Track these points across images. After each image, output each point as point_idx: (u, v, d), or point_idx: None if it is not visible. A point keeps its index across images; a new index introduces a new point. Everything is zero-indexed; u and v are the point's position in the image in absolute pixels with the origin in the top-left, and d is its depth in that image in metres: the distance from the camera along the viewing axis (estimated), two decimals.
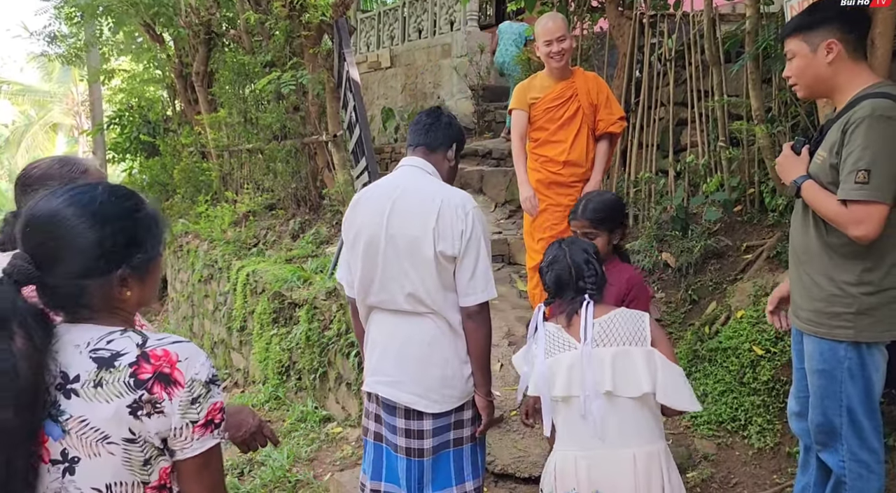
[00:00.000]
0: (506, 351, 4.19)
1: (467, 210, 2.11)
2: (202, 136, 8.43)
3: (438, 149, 2.28)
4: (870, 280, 1.95)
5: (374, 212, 2.19)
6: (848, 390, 2.04)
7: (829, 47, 1.95)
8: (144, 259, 1.22)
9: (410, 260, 2.12)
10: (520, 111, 3.69)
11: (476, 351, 2.19)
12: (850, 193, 1.87)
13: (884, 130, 1.84)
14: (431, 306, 2.14)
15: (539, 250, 3.82)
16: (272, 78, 6.04)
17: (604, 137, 3.70)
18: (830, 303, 2.00)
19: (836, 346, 2.02)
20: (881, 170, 1.84)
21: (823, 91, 2.05)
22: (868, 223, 1.86)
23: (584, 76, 3.67)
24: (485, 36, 9.78)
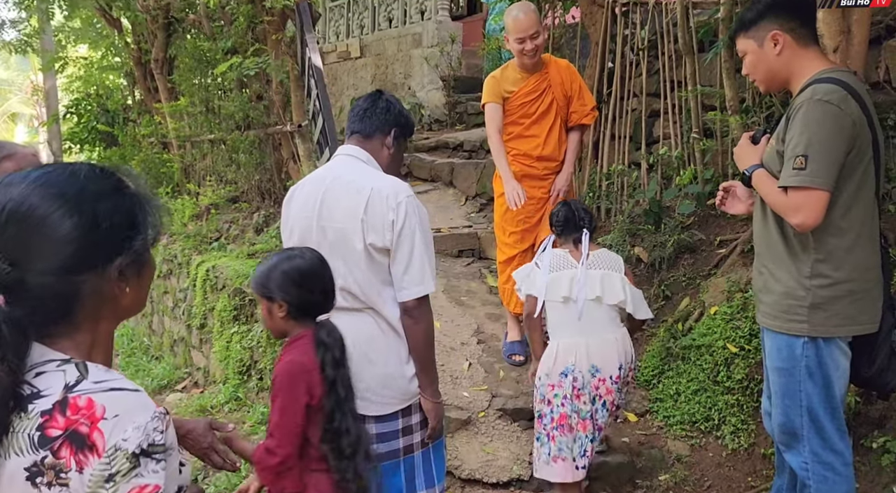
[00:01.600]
0: (475, 350, 4.05)
1: (399, 199, 1.99)
2: (162, 126, 8.11)
3: (374, 135, 2.16)
4: (822, 272, 1.89)
5: (306, 205, 2.09)
6: (807, 388, 1.97)
7: (775, 39, 1.92)
8: (142, 245, 1.01)
9: (341, 253, 2.02)
10: (494, 105, 3.55)
11: (416, 349, 2.09)
12: (787, 180, 1.82)
13: (821, 114, 1.79)
14: (366, 301, 2.04)
15: (510, 243, 3.70)
16: (233, 63, 5.78)
17: (575, 128, 3.60)
18: (785, 296, 1.95)
19: (794, 342, 1.96)
20: (818, 155, 1.78)
21: (780, 83, 2.01)
22: (806, 210, 1.80)
23: (556, 66, 3.54)
24: (456, 26, 9.60)
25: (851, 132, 1.81)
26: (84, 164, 1.02)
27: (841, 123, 1.80)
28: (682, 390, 3.38)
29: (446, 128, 8.86)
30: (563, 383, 2.64)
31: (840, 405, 1.99)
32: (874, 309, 1.94)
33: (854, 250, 1.89)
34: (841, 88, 1.82)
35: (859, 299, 1.91)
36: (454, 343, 4.13)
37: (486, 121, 3.58)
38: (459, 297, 4.83)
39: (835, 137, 1.80)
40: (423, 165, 7.57)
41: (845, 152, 1.81)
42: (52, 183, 0.95)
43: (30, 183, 0.95)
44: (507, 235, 3.71)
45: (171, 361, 6.56)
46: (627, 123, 4.80)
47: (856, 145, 1.82)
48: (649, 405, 3.50)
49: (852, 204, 1.87)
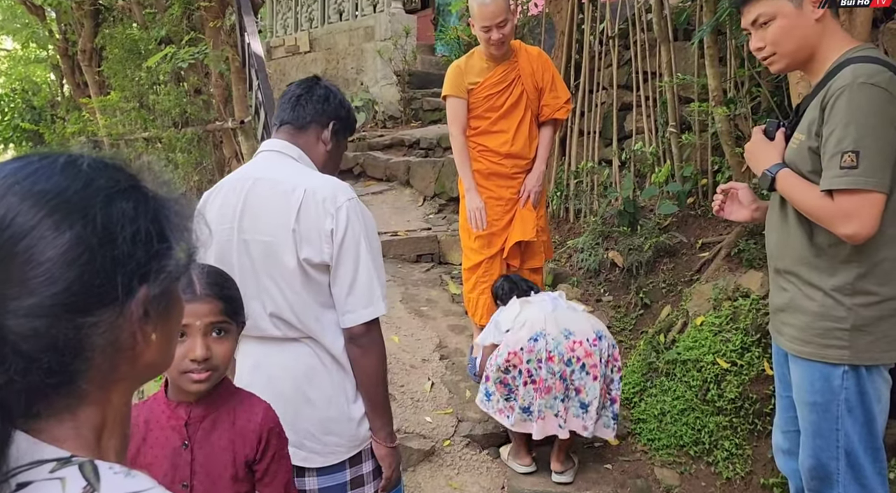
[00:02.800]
0: (437, 367, 3.66)
1: (339, 203, 1.62)
2: (92, 122, 7.47)
3: (309, 127, 1.79)
4: (866, 288, 1.60)
5: (223, 214, 1.70)
6: (846, 426, 1.67)
7: (816, 1, 1.59)
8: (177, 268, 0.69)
9: (268, 272, 1.66)
10: (457, 99, 3.16)
11: (366, 385, 1.72)
12: (834, 182, 1.52)
13: (869, 100, 1.49)
14: (303, 329, 1.67)
15: (476, 248, 3.34)
16: (167, 54, 5.26)
17: (548, 123, 3.25)
18: (820, 317, 1.65)
19: (831, 372, 1.65)
20: (871, 150, 1.49)
21: (804, 59, 1.66)
22: (860, 218, 1.51)
23: (527, 54, 3.19)
24: (410, 19, 9.20)
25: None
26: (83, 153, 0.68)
27: (892, 109, 1.49)
28: (667, 410, 3.06)
29: (401, 125, 8.49)
30: (535, 347, 2.63)
31: (882, 445, 1.71)
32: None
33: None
34: (886, 69, 1.52)
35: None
36: (414, 360, 3.73)
37: (448, 117, 3.22)
38: (419, 307, 4.44)
39: (887, 127, 1.49)
40: (378, 164, 7.17)
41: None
42: (39, 178, 0.63)
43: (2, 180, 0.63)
44: (472, 239, 3.35)
45: None
46: (597, 118, 4.49)
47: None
48: (631, 427, 3.17)
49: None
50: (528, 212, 3.23)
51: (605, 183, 4.34)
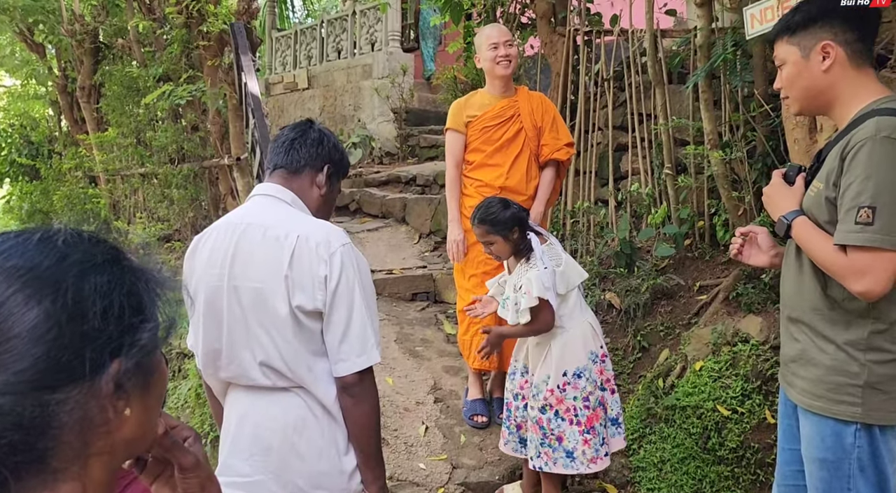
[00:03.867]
0: (431, 410, 3.58)
1: (332, 249, 1.60)
2: (89, 158, 7.47)
3: (302, 171, 1.78)
4: (881, 345, 1.55)
5: (213, 260, 1.67)
6: (857, 486, 1.60)
7: (825, 51, 1.57)
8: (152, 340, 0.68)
9: (259, 319, 1.61)
10: (455, 133, 3.23)
11: (358, 436, 1.67)
12: (849, 237, 1.48)
13: (890, 156, 1.45)
14: (293, 378, 1.62)
15: (470, 288, 3.31)
16: (165, 91, 5.28)
17: (549, 164, 3.24)
18: (833, 371, 1.59)
19: (843, 429, 1.60)
20: (889, 207, 1.44)
21: (820, 105, 1.65)
22: (873, 275, 1.47)
23: (528, 96, 3.24)
24: (407, 57, 9.33)
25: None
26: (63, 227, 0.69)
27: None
28: (667, 458, 2.98)
29: (398, 161, 8.53)
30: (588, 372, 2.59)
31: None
32: None
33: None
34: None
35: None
36: (408, 403, 3.65)
37: (446, 150, 3.31)
38: (414, 347, 4.37)
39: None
40: (374, 201, 7.18)
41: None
42: (12, 254, 0.64)
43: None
44: (467, 278, 3.33)
45: None
46: (593, 158, 4.50)
47: None
48: (630, 475, 3.09)
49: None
50: None
51: (601, 223, 4.32)
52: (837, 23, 1.57)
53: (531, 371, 2.67)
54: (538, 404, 2.58)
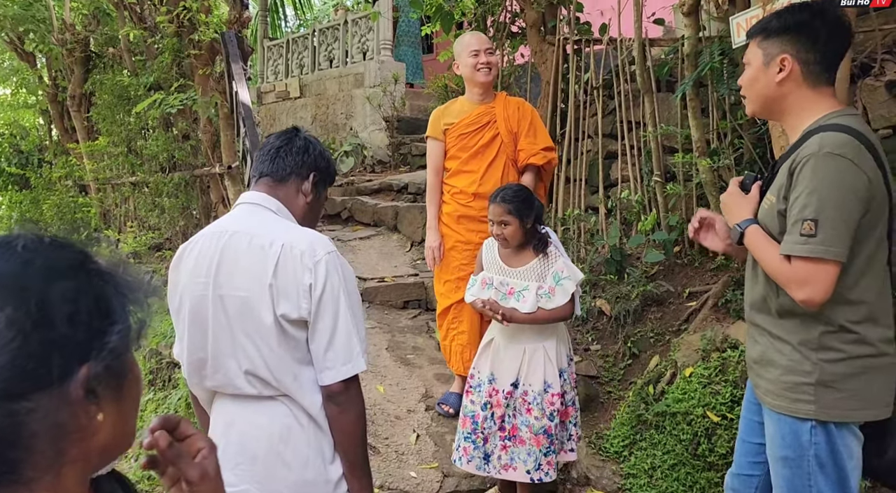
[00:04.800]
0: (423, 418, 3.57)
1: (317, 257, 1.60)
2: (79, 167, 7.44)
3: (288, 179, 1.77)
4: (832, 345, 1.60)
5: (198, 269, 1.66)
6: (818, 483, 1.64)
7: (782, 63, 1.63)
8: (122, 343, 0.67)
9: (244, 328, 1.61)
10: (433, 141, 3.30)
11: (344, 445, 1.66)
12: (794, 248, 1.54)
13: (832, 171, 1.51)
14: (278, 387, 1.62)
15: (444, 293, 3.35)
16: (155, 99, 5.27)
17: (528, 169, 3.26)
18: (788, 371, 1.65)
19: (800, 426, 1.65)
20: (830, 220, 1.51)
21: (772, 112, 1.72)
22: (814, 285, 1.53)
23: (505, 102, 3.27)
24: (399, 66, 9.36)
25: (867, 192, 1.53)
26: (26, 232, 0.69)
27: (856, 181, 1.51)
28: (657, 465, 2.99)
29: (390, 169, 8.54)
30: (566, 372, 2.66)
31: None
32: (890, 391, 1.64)
33: (868, 323, 1.60)
34: (854, 140, 1.53)
35: (875, 378, 1.61)
36: (399, 411, 3.64)
37: (427, 157, 3.39)
38: (405, 355, 4.36)
39: (849, 198, 1.51)
40: (366, 209, 7.18)
41: (860, 216, 1.53)
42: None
43: None
44: (442, 283, 3.38)
45: None
46: (583, 166, 4.52)
47: (871, 207, 1.54)
48: (621, 482, 3.09)
49: (864, 272, 1.59)
50: None
51: (592, 230, 4.34)
52: (802, 41, 1.61)
53: (517, 382, 2.58)
54: (543, 413, 2.52)
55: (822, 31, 1.60)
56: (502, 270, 2.62)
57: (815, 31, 1.60)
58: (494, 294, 2.57)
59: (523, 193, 2.56)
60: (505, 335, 2.61)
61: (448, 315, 3.34)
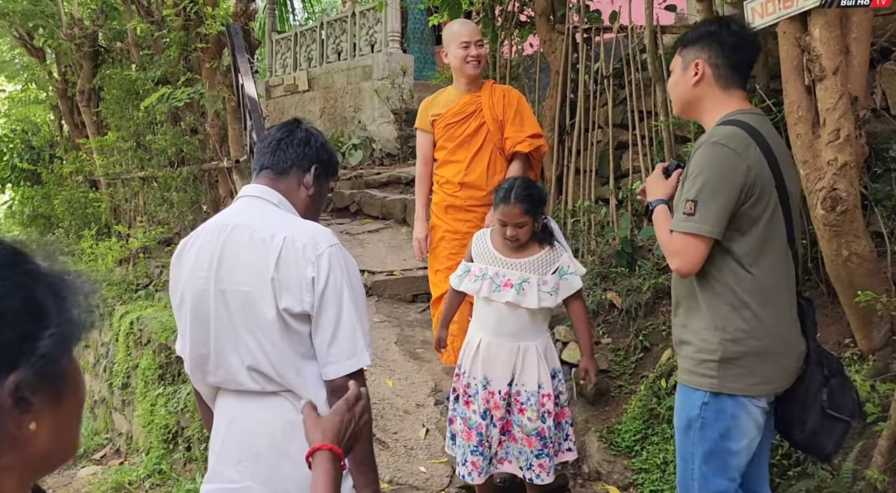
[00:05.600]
0: (432, 413, 3.55)
1: (320, 250, 1.58)
2: (89, 162, 7.46)
3: (289, 172, 1.75)
4: (734, 325, 1.76)
5: (199, 263, 1.65)
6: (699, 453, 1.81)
7: (696, 67, 1.84)
8: (56, 347, 0.62)
9: (246, 323, 1.59)
10: (422, 132, 3.34)
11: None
12: (677, 225, 1.76)
13: (714, 158, 1.71)
14: (281, 382, 1.60)
15: (436, 282, 3.37)
16: (163, 94, 5.26)
17: (516, 157, 3.24)
18: (699, 348, 1.81)
19: (694, 400, 1.81)
20: (707, 201, 1.70)
21: (692, 112, 1.94)
22: (683, 256, 1.73)
23: (491, 89, 3.28)
24: (407, 58, 9.30)
25: (745, 179, 1.70)
26: None
27: (735, 168, 1.69)
28: (670, 460, 2.93)
29: (398, 162, 8.51)
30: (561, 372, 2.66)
31: (736, 479, 1.80)
32: (789, 368, 1.80)
33: (767, 304, 1.75)
34: (742, 131, 1.72)
35: (775, 356, 1.77)
36: (408, 405, 3.62)
37: (416, 148, 3.44)
38: (414, 348, 4.34)
39: (726, 182, 1.69)
40: (375, 202, 7.15)
41: (737, 199, 1.71)
42: None
43: None
44: (433, 273, 3.43)
45: (90, 425, 5.82)
46: (593, 156, 4.46)
47: (754, 193, 1.71)
48: (633, 477, 3.04)
49: (760, 255, 1.75)
50: None
51: (602, 222, 4.27)
52: (714, 47, 1.82)
53: (511, 381, 2.50)
54: (536, 414, 2.47)
55: (728, 39, 1.81)
56: (498, 260, 2.50)
57: (723, 39, 1.81)
58: (488, 286, 2.46)
59: (533, 188, 2.45)
60: (496, 334, 2.51)
61: (441, 305, 3.33)
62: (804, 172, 2.50)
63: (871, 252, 2.48)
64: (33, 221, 8.79)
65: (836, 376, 1.82)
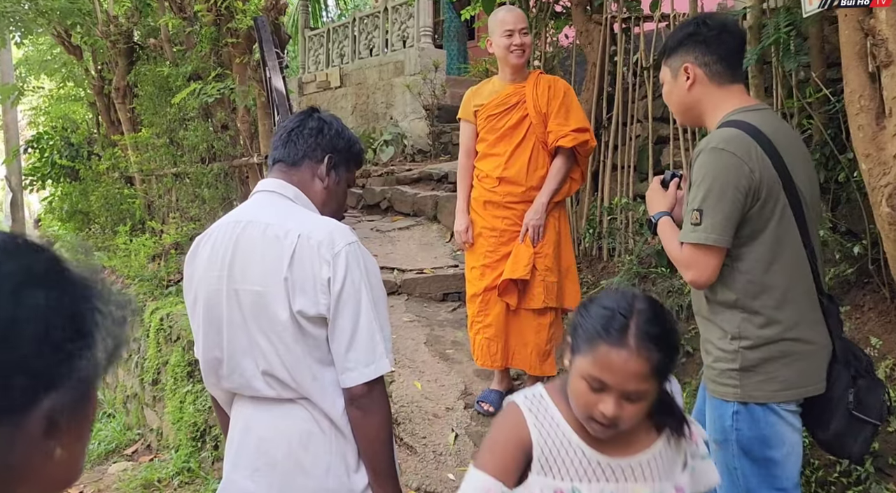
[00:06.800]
0: (462, 417, 3.42)
1: (337, 249, 1.48)
2: (124, 159, 7.53)
3: (301, 163, 1.65)
4: (749, 333, 1.72)
5: (212, 262, 1.56)
6: (743, 466, 1.73)
7: (686, 72, 1.80)
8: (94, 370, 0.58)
9: (260, 326, 1.50)
10: (465, 123, 3.21)
11: (369, 451, 1.54)
12: (684, 236, 1.73)
13: (714, 164, 1.66)
14: (297, 389, 1.51)
15: (471, 279, 3.26)
16: (193, 89, 5.24)
17: (559, 152, 3.08)
18: (718, 359, 1.78)
19: (725, 411, 1.76)
20: (712, 210, 1.66)
21: (693, 117, 1.89)
22: (697, 268, 1.70)
23: (537, 79, 3.12)
24: (440, 53, 9.18)
25: (749, 183, 1.65)
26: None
27: (738, 172, 1.64)
28: None
29: (430, 159, 8.41)
30: None
31: (791, 489, 1.72)
32: (817, 370, 1.73)
33: (784, 308, 1.70)
34: (741, 132, 1.67)
35: (797, 359, 1.71)
36: (438, 409, 3.50)
37: (460, 139, 3.31)
38: (444, 349, 4.22)
39: (729, 189, 1.64)
40: (405, 199, 7.06)
41: (743, 205, 1.66)
42: None
43: None
44: (469, 268, 3.30)
45: (122, 420, 5.85)
46: (631, 152, 4.28)
47: (761, 197, 1.67)
48: None
49: (775, 258, 1.70)
50: (525, 248, 3.08)
51: (640, 220, 4.09)
52: (698, 48, 1.78)
53: None
54: None
55: (709, 35, 1.77)
56: (596, 463, 1.25)
57: (704, 37, 1.78)
58: None
59: (666, 321, 1.21)
60: None
61: (475, 304, 3.23)
62: (867, 167, 2.30)
63: None
64: (72, 217, 8.93)
65: (864, 376, 1.74)
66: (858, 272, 2.86)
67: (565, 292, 3.22)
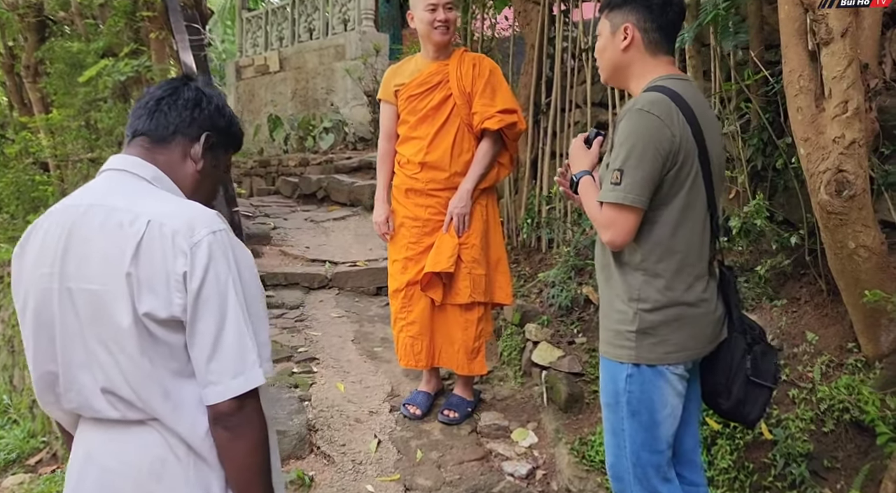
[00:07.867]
0: (386, 421, 3.18)
1: (197, 238, 1.23)
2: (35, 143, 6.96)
3: (172, 140, 1.38)
4: (649, 295, 1.73)
5: (43, 254, 1.29)
6: (630, 427, 1.79)
7: (626, 32, 1.78)
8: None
9: (96, 332, 1.24)
10: (385, 104, 2.98)
11: (238, 480, 1.30)
12: (604, 195, 1.72)
13: (639, 126, 1.67)
14: (145, 408, 1.25)
15: (393, 273, 3.04)
16: (104, 66, 4.81)
17: (486, 135, 2.88)
18: (617, 321, 1.80)
19: (618, 373, 1.79)
20: (632, 170, 1.66)
21: (620, 79, 1.86)
22: (615, 228, 1.70)
23: (461, 57, 2.90)
24: (381, 37, 8.87)
25: (670, 146, 1.66)
26: None
27: (659, 135, 1.65)
28: None
29: (371, 147, 8.12)
30: None
31: (665, 450, 1.78)
32: (705, 334, 1.78)
33: (683, 272, 1.73)
34: (666, 98, 1.68)
35: (688, 323, 1.75)
36: (360, 413, 3.25)
37: (380, 121, 3.10)
38: (372, 347, 3.98)
39: (650, 150, 1.65)
40: (342, 188, 6.78)
41: (662, 167, 1.67)
42: None
43: None
44: (391, 262, 3.09)
45: (27, 426, 5.39)
46: (570, 138, 4.09)
47: (678, 161, 1.68)
48: None
49: (680, 223, 1.72)
50: (449, 239, 2.87)
51: (578, 210, 3.93)
52: (641, 11, 1.75)
53: None
54: None
55: (655, 2, 1.75)
56: None
57: (650, 2, 1.75)
58: None
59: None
60: None
61: (397, 300, 3.01)
62: (805, 152, 2.16)
63: (880, 244, 2.16)
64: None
65: (758, 342, 1.83)
66: (795, 264, 2.74)
67: (495, 285, 3.01)
